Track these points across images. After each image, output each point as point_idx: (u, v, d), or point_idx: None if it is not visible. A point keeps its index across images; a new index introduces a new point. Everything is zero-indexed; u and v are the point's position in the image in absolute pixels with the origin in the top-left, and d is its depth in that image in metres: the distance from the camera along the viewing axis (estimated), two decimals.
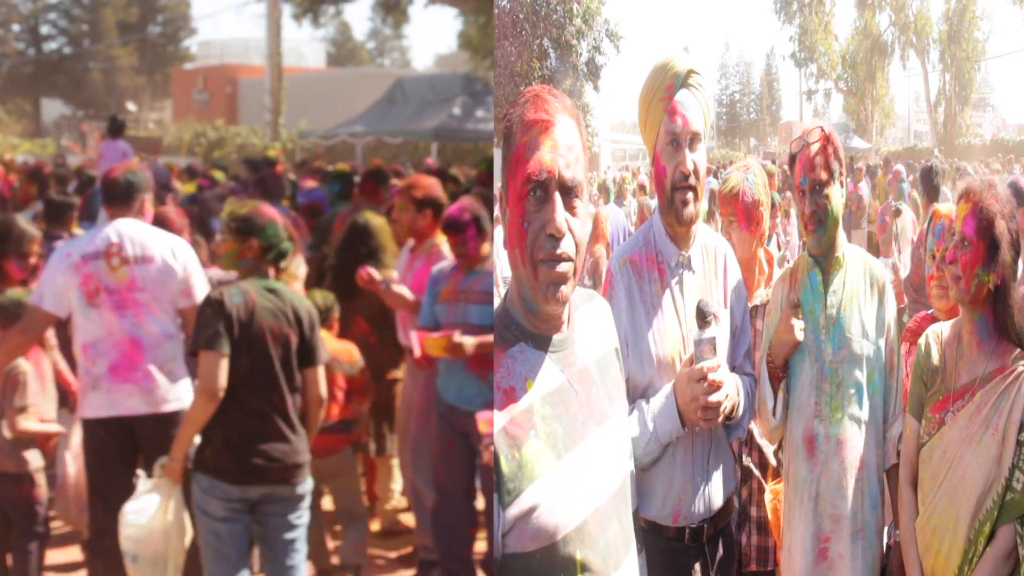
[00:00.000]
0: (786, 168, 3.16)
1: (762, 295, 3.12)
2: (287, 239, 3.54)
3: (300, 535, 3.48)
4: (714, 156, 22.80)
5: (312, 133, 22.78)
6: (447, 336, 3.81)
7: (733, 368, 2.58)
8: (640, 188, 13.61)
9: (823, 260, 2.63)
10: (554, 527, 1.55)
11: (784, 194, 8.19)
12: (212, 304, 3.33)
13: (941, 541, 2.40)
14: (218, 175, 9.92)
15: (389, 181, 6.25)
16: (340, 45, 47.51)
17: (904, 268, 5.21)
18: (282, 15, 26.43)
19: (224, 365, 3.27)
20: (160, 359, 3.84)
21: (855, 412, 2.57)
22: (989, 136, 24.65)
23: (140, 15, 42.36)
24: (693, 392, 2.28)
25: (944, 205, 2.89)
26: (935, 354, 2.52)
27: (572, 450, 1.59)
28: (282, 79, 26.41)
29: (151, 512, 3.37)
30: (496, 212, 1.67)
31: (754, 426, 2.96)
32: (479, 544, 4.35)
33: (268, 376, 3.35)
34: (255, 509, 3.38)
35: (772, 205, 4.54)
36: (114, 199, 4.00)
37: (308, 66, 39.23)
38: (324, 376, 3.54)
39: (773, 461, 3.12)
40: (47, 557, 4.25)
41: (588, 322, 1.73)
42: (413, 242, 4.68)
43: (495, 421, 1.52)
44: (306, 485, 3.46)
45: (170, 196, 7.11)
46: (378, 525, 5.16)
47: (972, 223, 2.37)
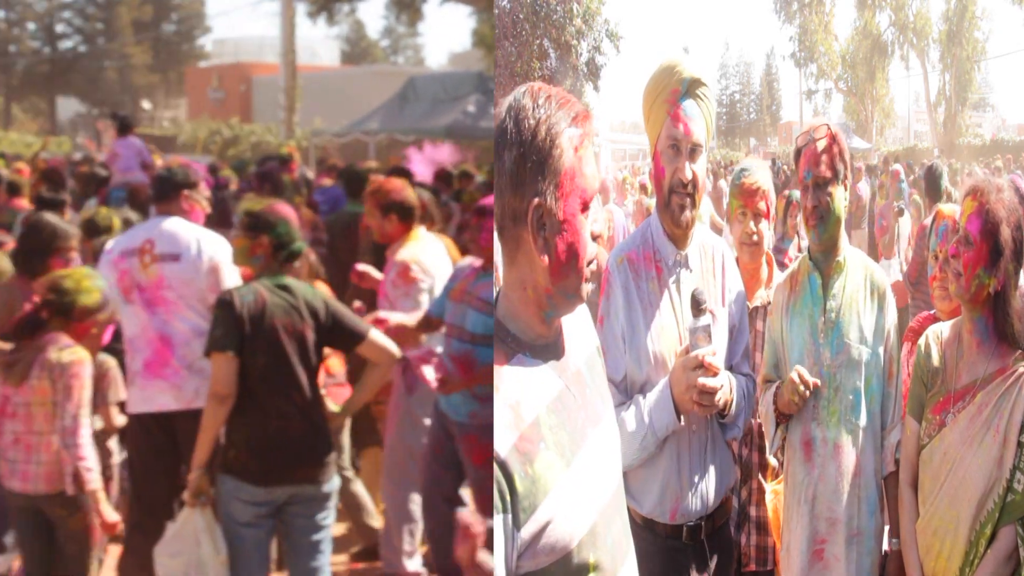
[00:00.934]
0: (787, 168, 3.15)
1: (763, 296, 3.12)
2: (299, 238, 3.51)
3: (326, 536, 3.44)
4: (714, 156, 22.81)
5: (326, 131, 22.75)
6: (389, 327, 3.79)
7: (731, 368, 2.58)
8: (641, 188, 13.61)
9: (823, 263, 2.63)
10: (569, 536, 1.53)
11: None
12: (222, 305, 3.30)
13: (942, 543, 2.39)
14: (228, 174, 9.91)
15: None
16: (354, 43, 47.57)
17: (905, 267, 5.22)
18: (296, 13, 26.42)
19: (233, 367, 3.23)
20: (190, 356, 3.82)
21: (853, 418, 2.57)
22: (989, 136, 24.65)
23: (154, 13, 42.57)
24: (689, 380, 2.29)
25: (947, 205, 2.88)
26: (935, 355, 2.51)
27: (577, 455, 1.57)
28: (296, 77, 26.38)
29: (181, 548, 3.29)
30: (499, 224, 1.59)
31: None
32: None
33: (286, 374, 3.31)
34: (281, 511, 3.35)
35: (790, 204, 4.55)
36: (156, 195, 4.05)
37: (322, 64, 39.25)
38: (382, 337, 3.46)
39: (774, 462, 3.12)
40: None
41: (573, 324, 1.72)
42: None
43: (503, 441, 1.48)
44: (332, 484, 3.41)
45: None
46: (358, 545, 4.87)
47: (977, 223, 2.36)
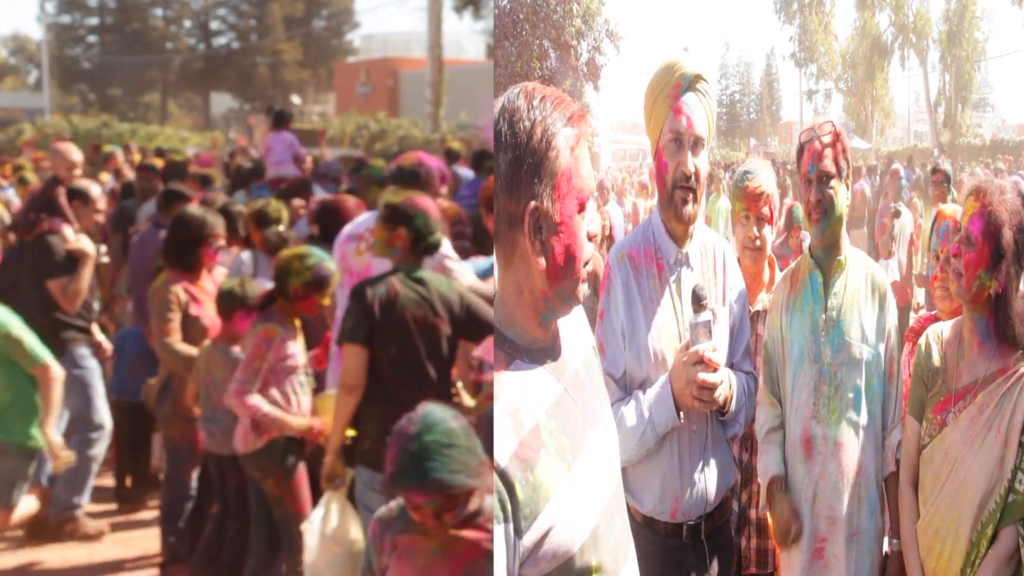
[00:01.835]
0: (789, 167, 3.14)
1: (764, 300, 3.10)
2: (438, 230, 3.53)
3: None
4: (714, 156, 22.83)
5: (472, 125, 22.76)
6: None
7: (732, 366, 2.57)
8: (641, 188, 13.61)
9: (825, 261, 2.62)
10: (571, 541, 1.51)
11: None
12: (354, 297, 3.34)
13: (943, 543, 2.39)
14: (378, 163, 9.96)
15: None
16: None
17: (902, 268, 5.21)
18: (443, 8, 26.21)
19: (362, 358, 3.26)
20: None
21: (853, 416, 2.56)
22: (989, 136, 24.67)
23: (305, 10, 43.24)
24: (689, 375, 2.29)
25: (949, 206, 2.88)
26: (935, 354, 2.50)
27: (578, 458, 1.56)
28: (443, 71, 26.21)
29: (313, 527, 3.38)
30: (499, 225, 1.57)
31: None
32: None
33: (416, 366, 3.32)
34: None
35: (792, 222, 4.55)
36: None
37: (468, 58, 39.30)
38: None
39: None
40: None
41: (569, 325, 1.71)
42: None
43: (503, 449, 1.46)
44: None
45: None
46: None
47: (979, 224, 2.35)
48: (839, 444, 2.55)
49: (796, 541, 2.57)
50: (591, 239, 1.58)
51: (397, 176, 4.30)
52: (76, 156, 6.07)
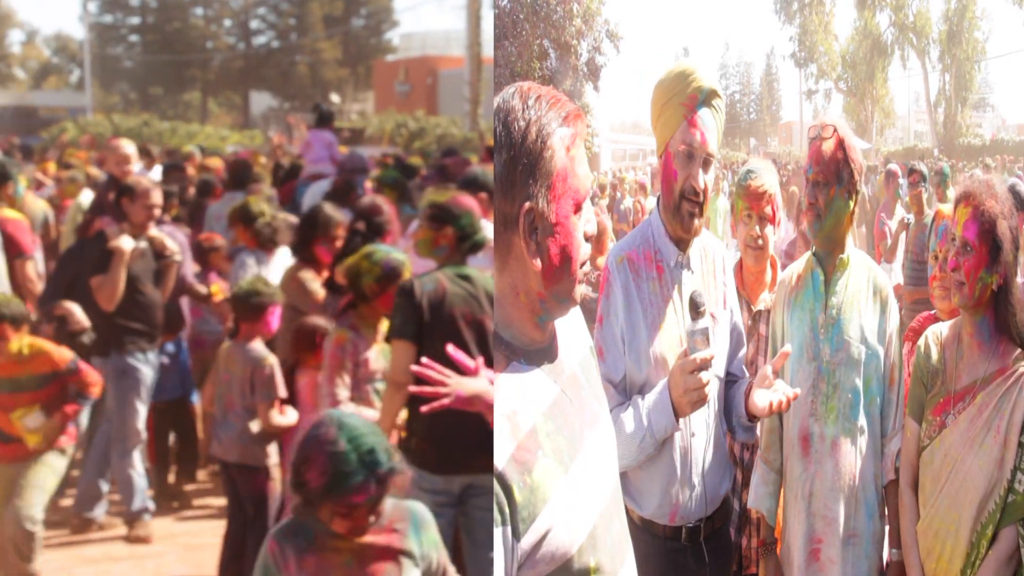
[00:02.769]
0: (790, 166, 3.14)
1: (766, 299, 3.10)
2: (482, 229, 3.54)
3: None
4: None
5: None
6: None
7: (732, 373, 2.58)
8: (640, 187, 13.58)
9: (826, 260, 2.62)
10: (569, 542, 1.50)
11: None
12: (402, 294, 3.34)
13: (943, 544, 2.39)
14: (415, 162, 9.96)
15: None
16: None
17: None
18: (482, 6, 26.25)
19: (410, 355, 3.24)
20: None
21: (852, 417, 2.56)
22: (989, 136, 24.67)
23: (344, 8, 43.42)
24: (687, 384, 2.27)
25: (947, 206, 2.87)
26: (935, 355, 2.50)
27: (575, 460, 1.55)
28: (481, 69, 26.35)
29: None
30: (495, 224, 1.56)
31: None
32: None
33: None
34: (461, 501, 3.35)
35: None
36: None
37: None
38: None
39: None
40: None
41: (566, 326, 1.71)
42: None
43: (501, 452, 1.45)
44: None
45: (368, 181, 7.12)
46: None
47: (974, 228, 2.34)
48: (836, 443, 2.55)
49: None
50: (588, 240, 1.57)
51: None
52: (127, 151, 6.04)
